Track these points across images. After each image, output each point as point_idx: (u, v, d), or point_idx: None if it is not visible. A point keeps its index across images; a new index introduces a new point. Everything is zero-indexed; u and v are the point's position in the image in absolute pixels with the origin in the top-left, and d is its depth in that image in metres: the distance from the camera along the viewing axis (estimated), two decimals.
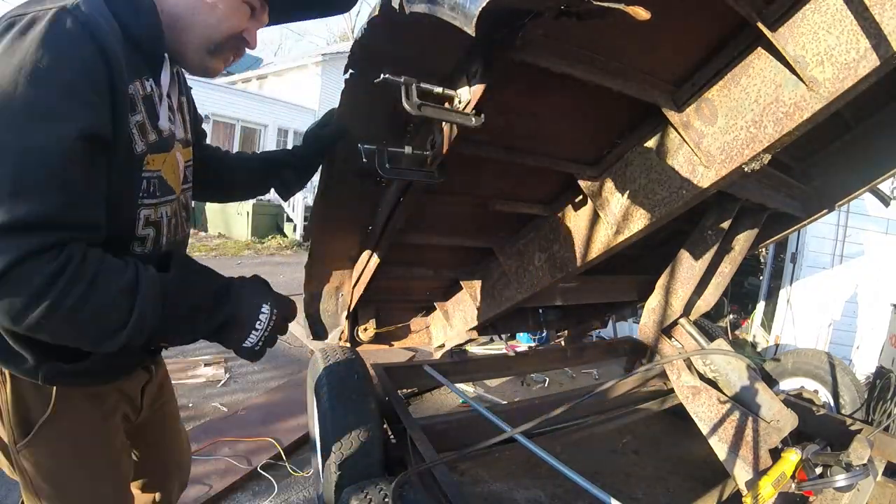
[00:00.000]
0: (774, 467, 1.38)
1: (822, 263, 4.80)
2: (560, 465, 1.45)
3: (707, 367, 1.64)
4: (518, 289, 1.70)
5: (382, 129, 1.14)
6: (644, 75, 1.07)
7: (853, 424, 1.95)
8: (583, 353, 2.91)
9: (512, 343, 4.16)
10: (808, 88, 0.91)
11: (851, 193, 1.87)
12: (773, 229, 2.07)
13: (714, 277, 1.87)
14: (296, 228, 9.81)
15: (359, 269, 1.75)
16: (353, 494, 1.08)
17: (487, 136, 1.15)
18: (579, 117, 1.19)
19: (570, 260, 1.48)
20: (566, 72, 0.93)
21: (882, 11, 0.80)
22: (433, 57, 0.94)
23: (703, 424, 1.58)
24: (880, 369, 2.54)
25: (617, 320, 4.20)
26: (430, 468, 1.34)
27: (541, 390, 3.48)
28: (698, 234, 1.68)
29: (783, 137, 0.97)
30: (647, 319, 1.76)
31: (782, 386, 2.58)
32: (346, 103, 1.02)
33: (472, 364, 2.52)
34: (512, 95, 1.03)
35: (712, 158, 1.08)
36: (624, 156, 1.29)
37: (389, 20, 0.74)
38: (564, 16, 0.63)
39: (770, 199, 1.70)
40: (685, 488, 2.28)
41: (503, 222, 1.66)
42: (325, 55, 14.12)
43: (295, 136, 13.39)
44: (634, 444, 2.69)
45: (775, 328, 4.96)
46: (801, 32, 0.91)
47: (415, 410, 2.65)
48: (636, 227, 1.24)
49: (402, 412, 1.71)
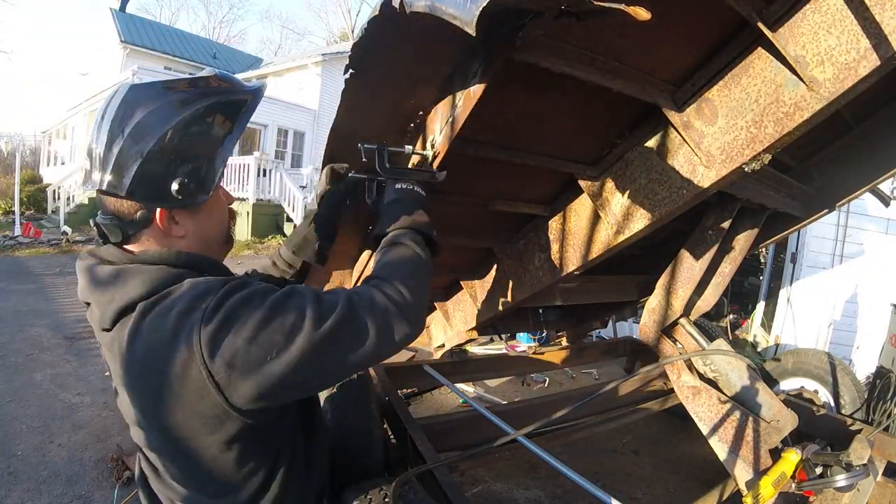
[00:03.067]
0: (774, 467, 1.38)
1: (822, 263, 4.79)
2: (560, 465, 1.45)
3: (707, 367, 1.64)
4: (518, 289, 1.70)
5: (382, 129, 1.14)
6: (644, 75, 1.07)
7: (853, 424, 1.95)
8: (583, 353, 2.91)
9: (512, 343, 4.16)
10: (808, 88, 0.91)
11: (851, 193, 1.87)
12: (773, 229, 2.07)
13: (714, 277, 1.86)
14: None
15: (359, 269, 1.75)
16: (353, 494, 1.08)
17: (488, 137, 1.15)
18: (579, 117, 1.19)
19: (570, 260, 1.48)
20: (566, 72, 0.93)
21: (882, 11, 0.80)
22: (433, 57, 0.94)
23: (703, 424, 1.58)
24: (880, 369, 2.54)
25: (617, 320, 4.20)
26: (430, 468, 1.34)
27: (541, 390, 3.48)
28: (698, 234, 1.68)
29: (783, 137, 0.97)
30: (647, 319, 1.76)
31: (782, 386, 2.58)
32: (347, 103, 1.02)
33: (472, 364, 2.52)
34: (512, 95, 1.03)
35: (712, 158, 1.08)
36: (624, 156, 1.29)
37: (390, 20, 0.74)
38: (564, 16, 0.63)
39: (770, 199, 1.70)
40: (685, 488, 2.28)
41: (503, 222, 1.66)
42: (325, 55, 14.10)
43: (294, 136, 13.39)
44: (634, 444, 2.69)
45: (775, 328, 4.97)
46: (802, 32, 0.91)
47: (415, 410, 2.65)
48: (636, 227, 1.24)
49: (402, 412, 1.71)
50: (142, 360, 0.72)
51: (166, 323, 0.70)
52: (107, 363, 0.83)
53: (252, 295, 0.72)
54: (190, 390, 0.69)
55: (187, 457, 0.77)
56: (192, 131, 0.77)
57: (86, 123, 12.71)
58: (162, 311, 0.72)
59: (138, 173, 0.74)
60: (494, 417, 1.69)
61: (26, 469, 2.10)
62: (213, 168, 0.80)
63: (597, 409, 2.26)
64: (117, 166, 0.74)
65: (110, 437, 2.40)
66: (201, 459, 0.76)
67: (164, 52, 15.73)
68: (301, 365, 0.70)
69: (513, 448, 1.68)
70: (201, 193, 0.80)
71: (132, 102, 0.75)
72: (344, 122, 1.07)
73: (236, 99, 0.83)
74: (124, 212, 0.77)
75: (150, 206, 0.77)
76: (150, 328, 0.71)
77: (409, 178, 1.08)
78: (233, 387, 0.69)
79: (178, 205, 0.78)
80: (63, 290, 5.34)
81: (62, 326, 4.09)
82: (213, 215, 0.87)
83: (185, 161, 0.76)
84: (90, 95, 12.41)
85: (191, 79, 0.81)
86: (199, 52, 17.56)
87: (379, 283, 0.81)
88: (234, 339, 0.68)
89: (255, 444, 0.80)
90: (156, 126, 0.74)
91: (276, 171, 10.18)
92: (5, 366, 3.17)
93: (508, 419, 1.66)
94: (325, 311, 0.73)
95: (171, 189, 0.76)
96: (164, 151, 0.74)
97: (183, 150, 0.76)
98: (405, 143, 1.12)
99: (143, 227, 0.79)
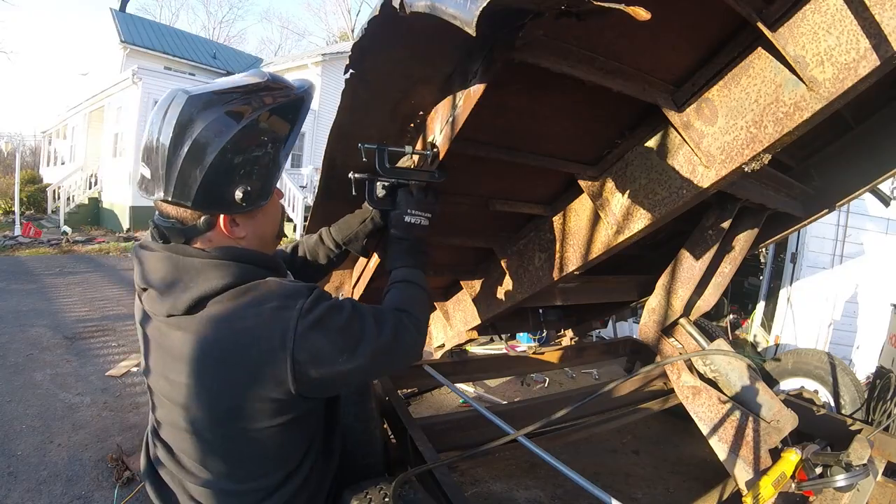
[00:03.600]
0: (774, 467, 1.38)
1: (822, 263, 4.80)
2: (560, 465, 1.45)
3: (707, 367, 1.64)
4: (518, 289, 1.70)
5: (382, 129, 1.14)
6: (644, 75, 1.07)
7: (853, 424, 1.95)
8: (583, 353, 2.91)
9: (512, 343, 4.16)
10: (808, 88, 0.91)
11: (851, 193, 1.87)
12: (773, 229, 2.07)
13: (714, 277, 1.87)
14: (296, 228, 9.81)
15: (359, 269, 1.75)
16: (353, 494, 1.08)
17: (488, 137, 1.15)
18: (579, 117, 1.19)
19: (570, 260, 1.48)
20: (566, 72, 0.93)
21: (882, 11, 0.80)
22: (433, 57, 0.94)
23: (703, 424, 1.58)
24: (880, 369, 2.54)
25: (617, 320, 4.20)
26: (430, 468, 1.34)
27: (541, 390, 3.48)
28: (698, 234, 1.68)
29: (783, 137, 0.97)
30: (647, 319, 1.76)
31: (782, 386, 2.58)
32: (347, 103, 1.02)
33: (472, 364, 2.52)
34: (512, 95, 1.03)
35: (712, 158, 1.08)
36: (624, 156, 1.29)
37: (390, 20, 0.74)
38: (564, 16, 0.63)
39: (770, 199, 1.70)
40: (685, 488, 2.28)
41: (503, 222, 1.66)
42: (325, 55, 14.10)
43: None
44: (634, 444, 2.69)
45: (775, 328, 4.97)
46: (801, 32, 0.91)
47: (415, 410, 2.65)
48: (637, 226, 1.24)
49: (402, 412, 1.71)
50: (224, 344, 0.78)
51: (260, 312, 0.78)
52: (146, 349, 0.88)
53: (338, 305, 0.85)
54: (270, 375, 0.78)
55: (235, 440, 0.84)
56: (250, 141, 0.80)
57: (86, 123, 12.73)
58: (253, 302, 0.79)
59: (202, 187, 0.77)
60: (494, 417, 1.69)
61: (26, 469, 2.10)
62: (274, 173, 0.85)
63: (597, 409, 2.26)
64: (181, 181, 0.77)
65: (110, 437, 2.40)
66: (249, 442, 0.84)
67: (164, 52, 15.72)
68: (362, 366, 0.84)
69: (513, 448, 1.68)
70: (262, 199, 0.85)
71: (190, 116, 0.77)
72: (344, 122, 1.07)
73: (289, 102, 0.86)
74: (187, 218, 0.82)
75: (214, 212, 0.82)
76: (239, 315, 0.78)
77: (408, 178, 1.09)
78: (307, 376, 0.79)
79: (242, 211, 0.83)
80: (63, 291, 5.34)
81: (62, 326, 4.09)
82: (269, 216, 0.92)
83: (246, 170, 0.80)
84: (90, 95, 12.43)
85: (244, 86, 0.82)
86: (198, 52, 17.55)
87: (408, 317, 0.96)
88: (322, 338, 0.79)
89: (298, 431, 0.90)
90: (214, 140, 0.76)
91: None
92: (5, 366, 3.17)
93: (508, 419, 1.67)
94: (383, 328, 0.88)
95: (236, 198, 0.80)
96: (225, 163, 0.78)
97: (243, 160, 0.79)
98: (405, 143, 1.12)
99: (205, 231, 0.83)
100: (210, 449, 0.85)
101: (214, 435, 0.84)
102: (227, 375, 0.79)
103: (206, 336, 0.79)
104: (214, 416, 0.82)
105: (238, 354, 0.78)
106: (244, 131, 0.78)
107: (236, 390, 0.79)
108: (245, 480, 0.88)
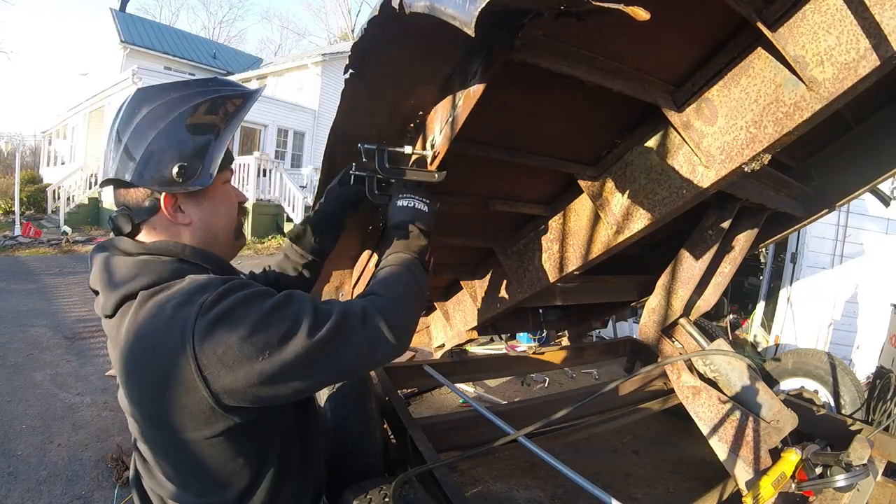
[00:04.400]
0: (774, 467, 1.38)
1: (822, 263, 4.80)
2: (560, 465, 1.45)
3: (707, 367, 1.64)
4: (518, 289, 1.70)
5: (382, 129, 1.14)
6: (644, 75, 1.07)
7: (853, 424, 1.95)
8: (583, 353, 2.91)
9: (512, 343, 4.16)
10: (808, 88, 0.91)
11: (851, 193, 1.87)
12: (773, 229, 2.07)
13: (714, 277, 1.86)
14: None
15: (359, 269, 1.75)
16: (353, 494, 1.08)
17: (488, 137, 1.15)
18: (579, 117, 1.19)
19: (570, 260, 1.48)
20: (566, 72, 0.92)
21: (882, 11, 0.80)
22: (433, 57, 0.94)
23: (703, 424, 1.58)
24: (880, 369, 2.54)
25: (617, 320, 4.20)
26: (430, 468, 1.34)
27: (541, 390, 3.48)
28: (698, 234, 1.68)
29: (783, 137, 0.97)
30: (647, 319, 1.76)
31: (782, 386, 2.58)
32: (347, 103, 1.02)
33: (472, 364, 2.52)
34: (512, 95, 1.03)
35: (712, 158, 1.08)
36: (624, 156, 1.29)
37: (389, 20, 0.74)
38: (564, 16, 0.63)
39: (770, 199, 1.70)
40: (685, 488, 2.28)
41: (503, 222, 1.66)
42: (325, 55, 14.10)
43: (294, 136, 13.38)
44: (634, 444, 2.69)
45: (775, 328, 4.97)
46: (801, 32, 0.91)
47: (415, 410, 2.65)
48: (636, 227, 1.24)
49: (402, 412, 1.71)
50: (135, 349, 0.73)
51: (162, 313, 0.72)
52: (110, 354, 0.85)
53: (252, 295, 0.74)
54: (177, 382, 0.69)
55: (175, 451, 0.78)
56: (190, 122, 0.82)
57: (86, 123, 12.72)
58: (160, 302, 0.73)
59: (142, 159, 0.79)
60: (494, 417, 1.69)
61: (26, 469, 2.10)
62: (212, 155, 0.84)
63: (597, 409, 2.26)
64: (124, 155, 0.80)
65: (110, 437, 2.40)
66: (187, 455, 0.77)
67: (164, 52, 15.73)
68: (290, 369, 0.71)
69: (513, 448, 1.68)
70: (202, 179, 0.83)
71: (138, 102, 0.82)
72: (344, 122, 1.07)
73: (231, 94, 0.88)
74: (133, 201, 0.83)
75: (155, 190, 0.82)
76: (146, 317, 0.73)
77: (408, 179, 1.09)
78: (220, 383, 0.69)
79: (180, 188, 0.82)
80: (63, 290, 5.34)
81: (62, 326, 4.10)
82: (219, 207, 0.90)
83: (184, 148, 0.81)
84: (90, 95, 12.41)
85: (194, 80, 0.88)
86: (198, 52, 17.56)
87: (374, 300, 0.84)
88: (229, 335, 0.69)
89: (242, 443, 0.80)
90: (157, 119, 0.80)
91: (276, 172, 10.18)
92: (5, 366, 3.17)
93: (508, 419, 1.66)
94: (320, 320, 0.74)
95: (172, 172, 0.80)
96: (165, 139, 0.80)
97: (182, 138, 0.81)
98: (405, 143, 1.12)
99: (150, 214, 0.83)
100: (164, 460, 0.81)
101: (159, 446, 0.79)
102: (144, 383, 0.73)
103: (123, 341, 0.74)
104: (151, 426, 0.77)
105: (148, 361, 0.72)
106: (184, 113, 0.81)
107: (155, 399, 0.72)
108: (203, 495, 0.81)
